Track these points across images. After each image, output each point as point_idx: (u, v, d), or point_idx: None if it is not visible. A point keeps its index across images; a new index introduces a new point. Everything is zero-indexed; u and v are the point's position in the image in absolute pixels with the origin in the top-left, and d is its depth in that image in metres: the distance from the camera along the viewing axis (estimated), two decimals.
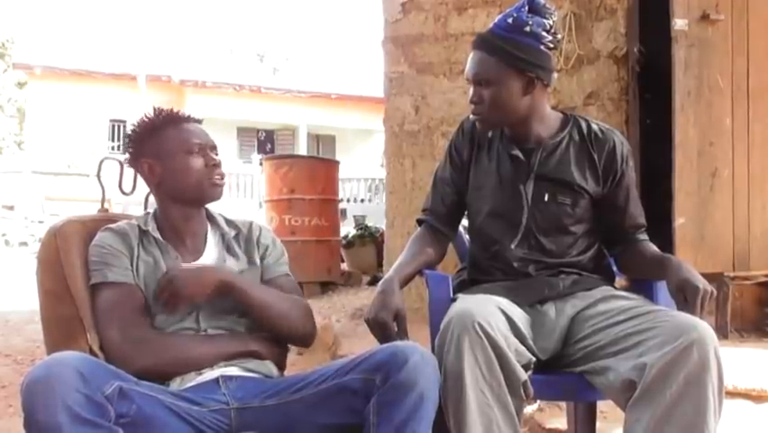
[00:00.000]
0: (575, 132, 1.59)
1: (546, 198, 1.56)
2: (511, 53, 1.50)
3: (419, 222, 1.72)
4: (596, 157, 1.57)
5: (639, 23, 3.38)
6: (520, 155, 1.58)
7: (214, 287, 1.39)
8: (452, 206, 1.69)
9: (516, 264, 1.56)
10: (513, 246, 1.57)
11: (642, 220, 1.63)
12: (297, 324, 1.50)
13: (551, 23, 1.52)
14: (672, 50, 2.97)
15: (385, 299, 1.45)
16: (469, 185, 1.66)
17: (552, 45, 1.54)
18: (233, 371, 1.40)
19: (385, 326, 1.41)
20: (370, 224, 6.86)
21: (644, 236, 1.62)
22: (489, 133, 1.65)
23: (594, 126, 1.60)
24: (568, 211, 1.56)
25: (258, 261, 1.55)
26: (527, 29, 1.50)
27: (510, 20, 1.51)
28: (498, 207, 1.60)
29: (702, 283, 1.39)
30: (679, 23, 2.95)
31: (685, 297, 1.38)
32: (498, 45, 1.51)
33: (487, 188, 1.62)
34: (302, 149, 17.16)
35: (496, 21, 1.55)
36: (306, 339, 1.53)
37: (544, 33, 1.51)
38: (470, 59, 1.57)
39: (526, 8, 1.51)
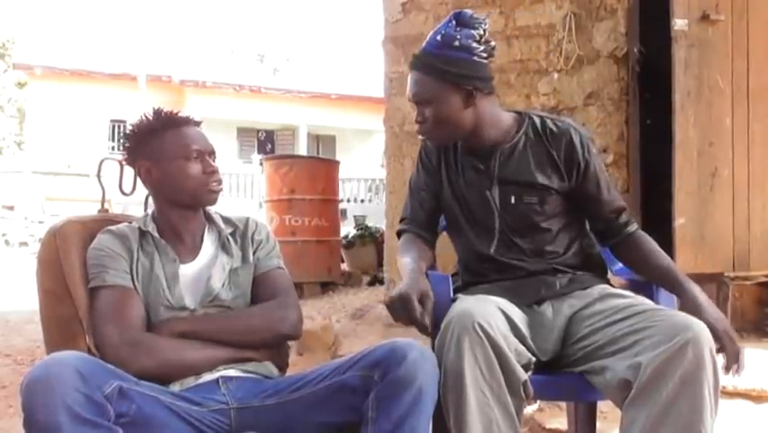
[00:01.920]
0: (530, 130, 1.59)
1: (513, 201, 1.56)
2: (444, 69, 1.50)
3: (399, 233, 1.71)
4: (554, 153, 1.56)
5: (639, 23, 3.37)
6: (479, 165, 1.59)
7: (175, 337, 1.39)
8: (430, 211, 1.69)
9: (503, 261, 1.56)
10: (492, 251, 1.58)
11: (620, 203, 1.61)
12: (272, 330, 1.46)
13: (481, 32, 1.52)
14: (672, 50, 2.97)
15: (411, 281, 1.39)
16: (443, 192, 1.66)
17: (485, 54, 1.54)
18: (232, 372, 1.40)
19: (409, 301, 1.32)
20: (370, 224, 6.86)
21: (633, 227, 1.60)
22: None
23: (548, 122, 1.59)
24: (537, 209, 1.56)
25: (251, 257, 1.55)
26: (456, 43, 1.50)
27: (439, 37, 1.52)
28: (471, 215, 1.61)
29: (721, 327, 1.37)
30: (679, 24, 2.95)
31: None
32: (430, 63, 1.52)
33: (458, 197, 1.63)
34: (302, 149, 17.15)
35: (427, 39, 1.56)
36: (288, 338, 1.51)
37: (474, 45, 1.51)
38: (408, 80, 1.58)
39: (454, 23, 1.52)
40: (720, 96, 3.00)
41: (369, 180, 15.30)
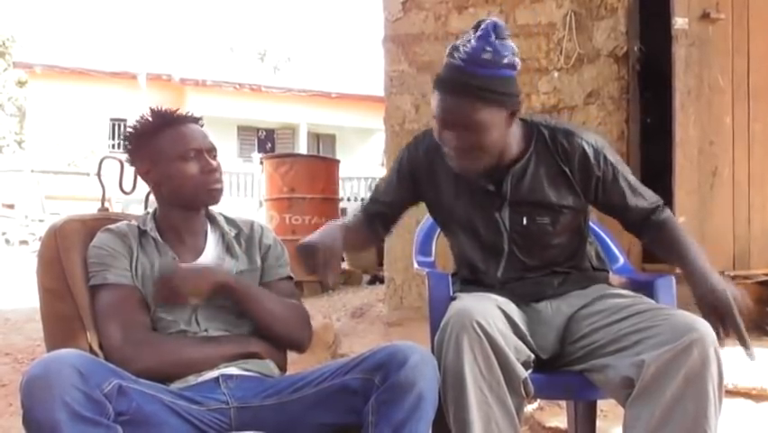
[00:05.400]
0: (540, 146, 1.49)
1: (525, 222, 1.50)
2: (497, 92, 1.35)
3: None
4: (568, 170, 1.48)
5: (639, 21, 3.37)
6: (489, 186, 1.50)
7: (211, 288, 1.40)
8: (388, 215, 1.66)
9: (506, 278, 1.54)
10: (499, 274, 1.54)
11: (647, 204, 1.52)
12: (294, 328, 1.50)
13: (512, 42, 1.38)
14: (672, 48, 2.97)
15: (323, 234, 1.44)
16: (441, 211, 1.61)
17: (518, 67, 1.40)
18: (232, 370, 1.39)
19: (313, 255, 1.37)
20: None
21: (663, 216, 1.53)
22: None
23: (559, 137, 1.48)
24: (548, 229, 1.51)
25: (258, 262, 1.54)
26: (506, 60, 1.36)
27: (488, 55, 1.34)
28: (477, 236, 1.55)
29: (730, 296, 1.37)
30: (679, 22, 2.94)
31: (716, 315, 1.34)
32: (482, 87, 1.35)
33: (461, 216, 1.56)
34: (302, 148, 17.14)
35: (466, 57, 1.36)
36: (301, 344, 1.52)
37: (517, 60, 1.38)
38: (444, 104, 1.38)
39: (493, 36, 1.35)
40: (720, 94, 3.00)
41: (369, 179, 15.26)
